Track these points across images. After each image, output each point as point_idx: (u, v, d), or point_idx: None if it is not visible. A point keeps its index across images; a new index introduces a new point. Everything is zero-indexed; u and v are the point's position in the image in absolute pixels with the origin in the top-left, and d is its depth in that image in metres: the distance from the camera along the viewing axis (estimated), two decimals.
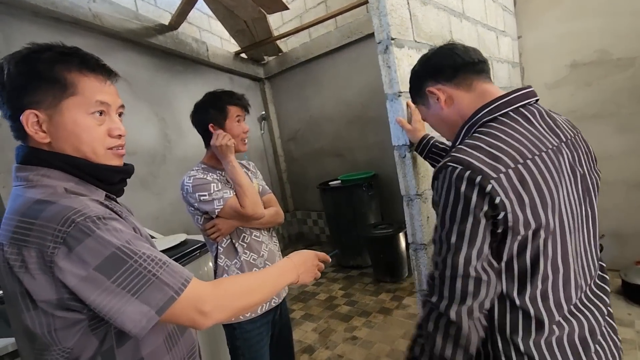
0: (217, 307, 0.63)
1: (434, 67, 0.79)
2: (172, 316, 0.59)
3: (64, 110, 0.63)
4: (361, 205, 3.27)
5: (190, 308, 0.60)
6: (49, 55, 0.63)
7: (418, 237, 1.22)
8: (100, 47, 2.46)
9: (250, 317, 1.24)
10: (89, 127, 0.65)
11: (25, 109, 0.61)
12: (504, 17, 2.15)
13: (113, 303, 0.54)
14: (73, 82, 0.63)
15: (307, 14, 3.69)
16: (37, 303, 0.57)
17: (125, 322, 0.55)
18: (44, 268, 0.55)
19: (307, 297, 2.96)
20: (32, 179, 0.62)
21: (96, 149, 0.66)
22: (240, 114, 1.31)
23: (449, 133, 0.81)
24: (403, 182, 1.21)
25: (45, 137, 0.63)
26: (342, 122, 3.73)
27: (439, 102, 0.79)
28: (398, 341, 2.15)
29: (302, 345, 2.27)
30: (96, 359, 0.61)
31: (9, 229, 0.57)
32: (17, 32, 2.04)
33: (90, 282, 0.54)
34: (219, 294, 0.65)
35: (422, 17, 1.28)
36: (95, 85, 0.66)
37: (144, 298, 0.56)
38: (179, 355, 0.74)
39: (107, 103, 0.68)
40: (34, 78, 0.61)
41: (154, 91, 2.91)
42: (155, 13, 2.99)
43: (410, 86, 0.88)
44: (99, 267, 0.54)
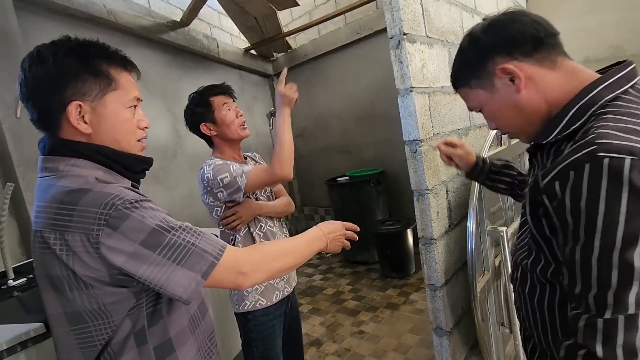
0: (255, 268, 0.69)
1: (511, 38, 0.61)
2: (216, 280, 0.64)
3: (107, 102, 0.66)
4: (369, 201, 3.28)
5: (232, 271, 0.66)
6: (96, 50, 0.67)
7: (428, 231, 1.23)
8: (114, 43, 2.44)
9: (265, 305, 1.25)
10: (127, 120, 0.70)
11: (70, 100, 0.63)
12: None
13: (161, 273, 0.58)
14: (115, 78, 0.68)
15: (316, 10, 3.69)
16: (86, 282, 0.60)
17: (175, 289, 0.59)
18: (90, 250, 0.57)
19: (315, 292, 2.98)
20: (62, 169, 0.64)
21: (130, 140, 0.71)
22: (225, 101, 1.29)
23: (524, 123, 0.64)
24: (414, 177, 1.22)
25: (88, 128, 0.65)
26: (350, 119, 3.74)
27: (514, 84, 0.61)
28: (405, 336, 2.17)
29: (309, 339, 2.30)
30: (129, 338, 0.64)
31: (47, 216, 0.59)
32: (34, 28, 2.08)
33: (138, 257, 0.57)
34: (256, 256, 0.70)
35: (434, 12, 1.28)
36: (131, 81, 0.72)
37: (188, 265, 0.60)
38: (200, 337, 0.77)
39: (139, 99, 0.73)
40: (84, 71, 0.64)
41: (166, 87, 2.95)
42: (167, 10, 3.03)
43: (462, 63, 0.69)
44: (143, 243, 0.58)
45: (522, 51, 0.60)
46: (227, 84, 1.34)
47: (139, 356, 0.65)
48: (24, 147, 1.80)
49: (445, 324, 1.28)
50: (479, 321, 1.20)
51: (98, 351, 0.63)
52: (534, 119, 0.62)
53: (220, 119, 1.26)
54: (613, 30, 2.12)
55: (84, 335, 0.63)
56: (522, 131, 0.67)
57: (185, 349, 0.72)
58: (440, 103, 1.29)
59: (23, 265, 1.49)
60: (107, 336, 0.63)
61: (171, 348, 0.70)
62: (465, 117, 1.46)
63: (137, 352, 0.65)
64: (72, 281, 0.60)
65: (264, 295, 1.26)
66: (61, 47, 0.63)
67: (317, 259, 3.71)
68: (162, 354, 0.68)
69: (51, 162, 0.65)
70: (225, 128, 1.27)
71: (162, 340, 0.68)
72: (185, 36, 3.02)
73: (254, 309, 1.25)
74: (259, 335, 1.26)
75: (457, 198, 1.37)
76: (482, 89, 0.66)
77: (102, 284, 0.60)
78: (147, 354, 0.65)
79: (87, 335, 0.63)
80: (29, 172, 1.81)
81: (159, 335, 0.68)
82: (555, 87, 0.60)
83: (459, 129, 1.40)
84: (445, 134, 1.31)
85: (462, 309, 1.40)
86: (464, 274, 1.41)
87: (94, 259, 0.58)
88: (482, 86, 0.66)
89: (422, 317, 2.33)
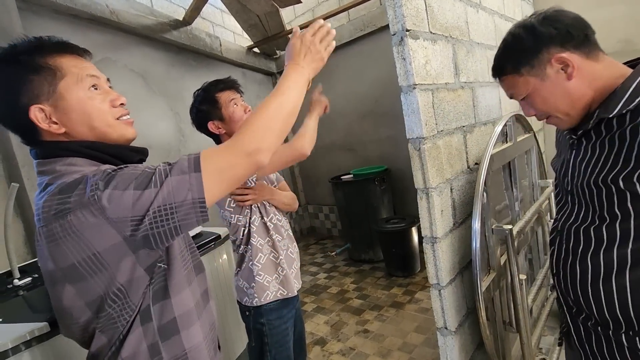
0: (258, 136, 0.65)
1: (566, 31, 0.69)
2: (221, 167, 0.62)
3: (63, 93, 0.64)
4: (373, 199, 3.26)
5: (232, 152, 0.63)
6: (23, 49, 0.63)
7: (432, 230, 1.21)
8: (117, 43, 2.51)
9: (286, 295, 1.24)
10: (93, 101, 0.66)
11: (28, 107, 0.61)
12: (522, 7, 2.10)
13: (166, 192, 0.58)
14: (57, 65, 0.63)
15: (319, 7, 3.67)
16: (101, 261, 0.59)
17: (185, 195, 0.58)
18: (96, 219, 0.56)
19: (319, 291, 2.98)
20: (59, 169, 0.63)
21: (108, 120, 0.68)
22: (233, 97, 1.24)
23: (570, 108, 0.72)
24: (417, 176, 1.20)
25: (59, 127, 0.64)
26: (354, 116, 3.72)
27: (565, 73, 0.69)
28: (410, 335, 2.15)
29: (314, 338, 2.30)
30: (136, 318, 0.64)
31: (48, 210, 0.58)
32: (38, 28, 2.09)
33: (138, 199, 0.57)
34: (250, 128, 0.66)
35: (438, 7, 1.26)
36: (78, 62, 0.67)
37: (177, 171, 0.60)
38: (204, 327, 0.77)
39: (96, 76, 0.68)
40: (22, 73, 0.61)
41: (169, 86, 2.95)
42: (170, 9, 3.03)
43: (514, 51, 0.74)
44: (137, 186, 0.58)
45: (573, 44, 0.69)
46: (232, 77, 1.30)
47: (144, 335, 0.65)
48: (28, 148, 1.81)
49: (451, 323, 1.27)
50: (484, 321, 1.19)
51: (119, 333, 0.64)
52: (579, 105, 0.70)
53: (228, 116, 1.22)
54: (622, 24, 2.08)
55: (108, 321, 0.63)
56: (566, 116, 0.73)
57: (191, 331, 0.72)
58: (444, 100, 1.27)
59: (28, 265, 1.50)
60: (129, 317, 0.63)
61: (175, 329, 0.69)
62: (470, 114, 1.43)
63: (142, 330, 0.65)
64: (89, 265, 0.59)
65: (283, 285, 1.25)
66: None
67: (322, 258, 3.70)
68: (167, 334, 0.68)
69: (47, 164, 0.64)
70: (234, 125, 1.23)
71: (167, 319, 0.68)
72: (188, 35, 3.02)
73: (275, 299, 1.23)
74: (273, 339, 1.24)
75: (461, 196, 1.35)
76: (533, 77, 0.72)
77: (118, 253, 0.59)
78: (151, 332, 0.66)
79: (110, 319, 0.63)
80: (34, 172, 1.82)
81: (164, 313, 0.68)
82: (599, 76, 0.69)
83: (464, 126, 1.38)
84: (449, 131, 1.29)
85: (468, 308, 1.38)
86: (469, 273, 1.39)
87: (104, 226, 0.57)
88: (533, 74, 0.72)
89: (427, 316, 2.31)
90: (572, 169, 0.76)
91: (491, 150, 1.26)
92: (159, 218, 0.58)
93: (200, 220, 0.61)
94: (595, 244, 0.71)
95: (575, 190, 0.75)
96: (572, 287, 0.76)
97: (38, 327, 0.99)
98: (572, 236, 0.76)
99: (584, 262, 0.73)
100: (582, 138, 0.75)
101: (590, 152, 0.71)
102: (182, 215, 0.59)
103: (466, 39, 1.43)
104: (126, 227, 0.57)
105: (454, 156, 1.31)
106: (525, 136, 1.67)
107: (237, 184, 0.66)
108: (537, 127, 2.18)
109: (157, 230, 0.58)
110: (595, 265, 0.71)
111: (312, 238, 4.38)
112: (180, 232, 0.61)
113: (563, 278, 0.79)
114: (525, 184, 1.71)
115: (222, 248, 1.80)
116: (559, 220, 0.83)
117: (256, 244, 1.24)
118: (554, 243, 0.83)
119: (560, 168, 0.83)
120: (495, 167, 1.33)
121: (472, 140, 1.43)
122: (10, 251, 1.35)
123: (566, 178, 0.78)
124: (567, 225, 0.78)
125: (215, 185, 0.61)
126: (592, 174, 0.69)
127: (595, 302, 0.71)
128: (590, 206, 0.72)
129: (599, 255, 0.70)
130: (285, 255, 1.29)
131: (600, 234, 0.70)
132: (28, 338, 0.97)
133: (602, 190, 0.68)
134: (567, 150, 0.81)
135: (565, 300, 0.81)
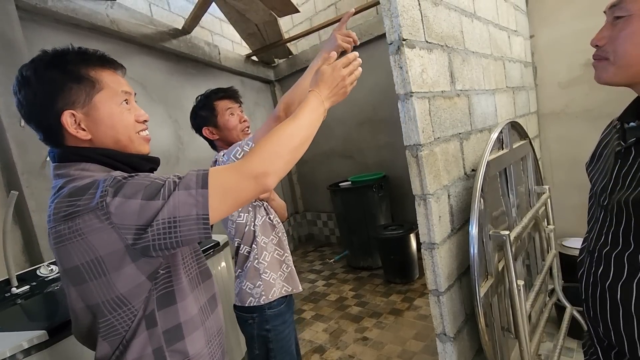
0: (267, 160, 0.66)
1: None
2: (228, 188, 0.63)
3: (97, 104, 0.68)
4: (371, 206, 3.27)
5: (240, 175, 0.64)
6: (72, 57, 0.67)
7: (430, 236, 1.22)
8: (117, 52, 2.53)
9: (290, 292, 1.25)
10: (122, 117, 0.71)
11: (62, 111, 0.65)
12: (516, 16, 2.14)
13: (172, 205, 0.59)
14: (98, 78, 0.68)
15: (317, 16, 3.72)
16: (103, 266, 0.60)
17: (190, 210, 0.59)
18: (102, 224, 0.58)
19: (318, 298, 2.97)
20: (73, 174, 0.66)
21: (131, 135, 0.72)
22: (230, 106, 1.27)
23: (636, 62, 0.63)
24: (415, 182, 1.21)
25: (87, 134, 0.68)
26: (352, 124, 3.74)
27: None
28: (409, 342, 2.15)
29: (312, 346, 2.28)
30: (141, 322, 0.65)
31: (58, 211, 0.61)
32: (39, 38, 2.11)
33: (145, 209, 0.58)
34: (263, 150, 0.67)
35: (434, 17, 1.29)
36: (115, 77, 0.72)
37: (184, 186, 0.61)
38: (210, 331, 0.77)
39: (129, 92, 0.73)
40: (66, 80, 0.65)
41: (168, 94, 2.97)
42: (169, 18, 3.06)
43: None
44: (145, 196, 0.59)
45: None
46: (234, 87, 1.33)
47: (149, 339, 0.66)
48: (28, 155, 1.82)
49: (449, 329, 1.27)
50: (482, 327, 1.19)
51: (122, 339, 0.64)
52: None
53: (222, 124, 1.26)
54: None
55: (109, 328, 0.64)
56: (620, 68, 0.64)
57: (194, 337, 0.72)
58: (441, 107, 1.29)
59: (27, 273, 1.50)
60: (131, 322, 0.64)
61: (181, 334, 0.70)
62: (466, 121, 1.45)
63: (147, 335, 0.66)
64: (91, 268, 0.60)
65: (288, 282, 1.26)
66: (40, 64, 0.65)
67: (321, 265, 3.69)
68: (171, 339, 0.69)
69: (62, 168, 0.68)
70: (227, 133, 1.27)
71: (172, 324, 0.69)
72: (187, 44, 3.05)
73: (280, 295, 1.23)
74: (278, 345, 1.24)
75: (459, 202, 1.36)
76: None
77: (119, 260, 0.60)
78: (156, 337, 0.67)
79: (110, 327, 0.64)
80: (33, 180, 1.82)
81: (169, 319, 0.69)
82: None
83: (460, 133, 1.40)
84: (446, 138, 1.31)
85: (466, 314, 1.38)
86: (467, 279, 1.39)
87: (108, 232, 0.58)
88: None
89: (426, 323, 2.31)
90: (615, 181, 0.68)
91: (487, 156, 1.28)
92: (162, 230, 0.59)
93: (202, 236, 0.62)
94: (628, 271, 0.63)
95: (612, 206, 0.67)
96: (602, 318, 0.68)
97: (37, 336, 0.99)
98: (603, 261, 0.68)
99: (614, 292, 0.65)
100: (632, 147, 0.66)
101: (637, 166, 0.63)
102: (185, 230, 0.60)
103: (461, 48, 1.46)
104: (129, 235, 0.58)
105: (451, 163, 1.33)
106: (521, 143, 1.70)
107: (240, 205, 0.67)
108: (532, 134, 2.21)
109: (158, 242, 0.59)
110: (625, 297, 0.63)
111: (311, 245, 4.37)
112: (181, 246, 0.62)
113: (592, 306, 0.71)
114: (522, 190, 1.73)
115: (221, 255, 1.80)
116: (590, 240, 0.74)
117: (261, 242, 1.24)
118: (583, 265, 0.75)
119: (599, 178, 0.74)
120: (492, 174, 1.35)
121: (468, 147, 1.45)
122: (8, 259, 1.34)
123: (605, 192, 0.70)
124: (597, 246, 0.71)
125: (219, 204, 0.62)
126: (635, 191, 0.61)
127: (627, 337, 0.64)
128: (627, 226, 0.64)
129: (632, 285, 0.62)
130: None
131: (635, 261, 0.62)
132: (26, 347, 0.96)
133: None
134: (611, 160, 0.71)
135: (595, 331, 0.73)
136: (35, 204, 1.81)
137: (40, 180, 1.84)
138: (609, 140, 0.77)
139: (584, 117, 2.20)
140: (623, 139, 0.68)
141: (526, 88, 2.21)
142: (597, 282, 0.69)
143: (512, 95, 1.97)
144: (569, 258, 2.05)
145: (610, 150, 0.74)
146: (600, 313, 0.68)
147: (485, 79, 1.64)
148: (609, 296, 0.66)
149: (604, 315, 0.68)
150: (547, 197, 1.77)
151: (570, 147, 2.28)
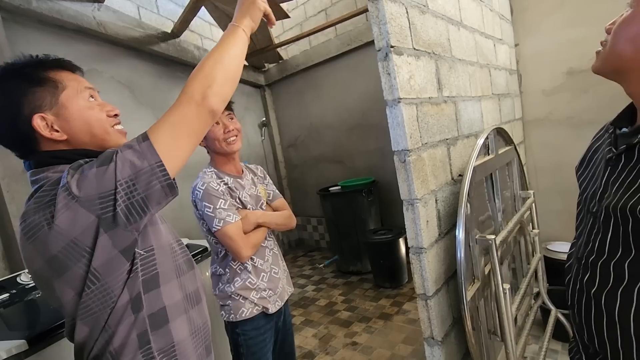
0: (205, 84, 0.68)
1: None
2: (183, 126, 0.65)
3: (65, 103, 0.68)
4: (361, 211, 3.28)
5: (186, 106, 0.66)
6: (27, 63, 0.68)
7: (418, 241, 1.23)
8: (104, 54, 2.50)
9: (255, 314, 1.23)
10: (92, 110, 0.71)
11: (31, 116, 0.65)
12: (501, 25, 2.20)
13: (120, 167, 0.59)
14: (58, 79, 0.69)
15: (307, 22, 3.74)
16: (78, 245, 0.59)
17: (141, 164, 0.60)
18: (68, 201, 0.57)
19: (307, 303, 2.95)
20: (50, 176, 0.65)
21: (106, 128, 0.72)
22: None
23: (631, 58, 0.65)
24: (403, 187, 1.22)
25: (62, 134, 0.67)
26: (342, 129, 3.76)
27: None
28: (398, 346, 2.15)
29: (302, 351, 2.27)
30: (127, 307, 0.65)
31: (29, 206, 0.61)
32: (23, 40, 2.07)
33: (100, 175, 0.58)
34: (196, 78, 0.69)
35: (421, 25, 1.31)
36: (75, 77, 0.73)
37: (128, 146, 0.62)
38: (194, 322, 0.77)
39: (92, 88, 0.74)
40: (26, 85, 0.65)
41: (156, 97, 2.94)
42: (158, 21, 3.04)
43: None
44: (98, 164, 0.59)
45: None
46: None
47: (134, 324, 0.65)
48: (9, 160, 1.77)
49: (437, 333, 1.27)
50: (469, 330, 1.20)
51: (103, 323, 0.63)
52: (636, 71, 0.64)
53: (211, 131, 1.24)
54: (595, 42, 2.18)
55: (86, 310, 0.63)
56: (612, 58, 0.68)
57: (178, 323, 0.72)
58: (428, 114, 1.31)
59: (6, 280, 1.45)
60: (107, 304, 0.63)
61: (165, 318, 0.70)
62: (453, 127, 1.48)
63: (133, 319, 0.65)
64: (70, 252, 0.59)
65: (260, 305, 1.24)
66: (1, 75, 0.66)
67: (310, 270, 3.68)
68: (155, 323, 0.68)
69: (39, 173, 0.67)
70: (211, 142, 1.25)
71: (156, 308, 0.69)
72: (176, 47, 3.03)
73: (251, 315, 1.22)
74: (249, 350, 1.24)
75: (446, 207, 1.38)
76: None
77: (92, 233, 0.59)
78: (141, 320, 0.66)
79: (84, 306, 0.62)
80: (14, 184, 1.78)
81: (153, 302, 0.68)
82: None
83: (447, 139, 1.42)
84: (434, 144, 1.33)
85: (454, 318, 1.40)
86: (454, 283, 1.41)
87: (75, 209, 0.57)
88: None
89: (415, 327, 2.32)
90: (604, 189, 0.67)
91: (474, 162, 1.30)
92: (123, 192, 0.59)
93: (164, 185, 0.62)
94: (614, 280, 0.63)
95: (600, 213, 0.66)
96: (586, 325, 0.69)
97: (16, 345, 0.96)
98: (590, 269, 0.68)
99: (599, 300, 0.65)
100: (622, 155, 0.66)
101: (626, 173, 0.63)
102: (144, 185, 0.60)
103: (448, 55, 1.49)
104: (95, 206, 0.58)
105: (438, 168, 1.34)
106: (506, 149, 1.73)
107: (195, 136, 0.67)
108: (517, 140, 2.26)
109: (124, 204, 0.59)
110: (609, 305, 0.63)
111: (301, 250, 4.35)
112: (150, 204, 0.61)
113: (578, 313, 0.71)
114: (507, 195, 1.76)
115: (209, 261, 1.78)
116: (578, 246, 0.74)
117: (235, 267, 1.24)
118: (570, 271, 0.75)
119: (589, 184, 0.74)
120: (478, 179, 1.37)
121: (455, 153, 1.47)
122: None
123: (594, 199, 0.69)
124: (585, 254, 0.70)
125: (172, 140, 0.63)
126: (622, 198, 0.61)
127: (610, 345, 0.64)
128: (613, 235, 0.64)
129: (616, 294, 0.62)
130: (269, 277, 1.29)
131: (621, 270, 0.62)
132: (5, 357, 0.93)
133: (629, 220, 0.60)
134: (602, 166, 0.71)
135: (581, 338, 0.73)
136: (15, 209, 1.76)
137: (20, 185, 1.80)
138: (600, 145, 0.77)
139: (567, 124, 2.27)
140: (615, 146, 0.69)
141: (511, 95, 2.26)
142: (583, 289, 0.69)
143: (498, 102, 2.01)
144: (554, 261, 2.09)
145: (601, 155, 0.74)
146: (586, 320, 0.69)
147: (472, 86, 1.67)
148: (594, 304, 0.67)
149: (589, 322, 0.68)
150: (532, 201, 1.81)
151: (554, 152, 2.34)
